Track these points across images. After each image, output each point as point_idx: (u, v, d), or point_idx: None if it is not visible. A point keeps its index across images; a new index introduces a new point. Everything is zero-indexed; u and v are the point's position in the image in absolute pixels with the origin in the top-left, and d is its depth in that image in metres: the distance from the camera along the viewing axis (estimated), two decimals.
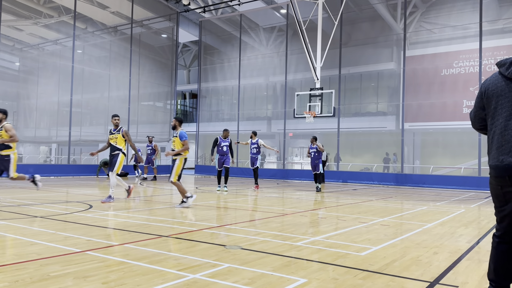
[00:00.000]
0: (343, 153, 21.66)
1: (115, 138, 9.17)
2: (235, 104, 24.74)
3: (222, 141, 12.21)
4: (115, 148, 9.09)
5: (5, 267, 3.56)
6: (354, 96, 23.82)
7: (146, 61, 23.79)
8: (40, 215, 6.70)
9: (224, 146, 12.12)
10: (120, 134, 9.15)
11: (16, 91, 24.14)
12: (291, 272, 3.60)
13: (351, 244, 4.93)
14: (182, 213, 7.52)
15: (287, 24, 22.05)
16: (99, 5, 21.93)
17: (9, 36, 23.03)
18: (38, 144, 28.17)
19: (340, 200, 11.18)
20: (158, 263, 3.82)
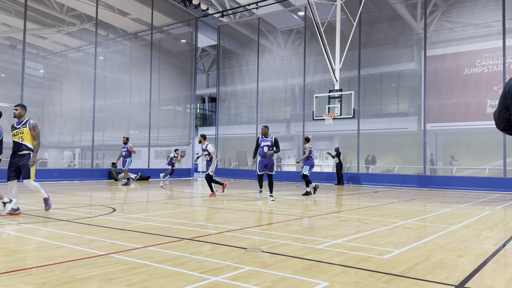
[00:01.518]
0: (364, 155, 21.43)
1: (20, 134, 7.22)
2: (253, 107, 24.81)
3: (263, 141, 10.51)
4: (21, 146, 7.16)
5: (33, 270, 3.66)
6: (374, 97, 23.57)
7: (166, 66, 24.12)
8: (65, 218, 6.85)
9: (265, 146, 10.42)
10: (27, 127, 7.22)
11: (41, 97, 24.80)
12: (313, 275, 3.59)
13: (373, 247, 4.88)
14: (203, 216, 7.58)
15: (305, 26, 22.02)
16: (119, 12, 22.37)
17: (34, 44, 23.70)
18: (62, 149, 28.83)
19: (361, 202, 11.06)
20: (180, 265, 3.86)
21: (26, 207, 8.43)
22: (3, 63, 22.47)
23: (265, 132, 10.50)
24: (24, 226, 6.04)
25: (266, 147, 10.37)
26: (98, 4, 20.06)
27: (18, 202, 7.71)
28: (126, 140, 16.12)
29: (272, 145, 10.34)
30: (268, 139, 10.43)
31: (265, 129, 10.51)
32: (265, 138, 10.46)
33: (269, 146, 10.34)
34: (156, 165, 27.19)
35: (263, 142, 10.44)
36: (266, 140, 10.42)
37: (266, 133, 10.50)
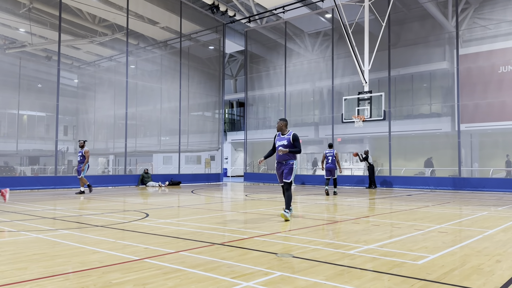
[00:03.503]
0: (395, 158, 21.00)
1: None
2: (281, 111, 24.79)
3: (278, 139, 7.92)
4: None
5: (70, 275, 3.79)
6: (406, 98, 23.08)
7: (194, 73, 24.49)
8: (100, 224, 7.06)
9: (280, 147, 7.79)
10: None
11: (76, 106, 25.70)
12: (345, 282, 3.55)
13: (407, 252, 4.78)
14: (233, 221, 7.63)
15: (333, 28, 21.86)
16: (149, 21, 22.91)
17: (68, 55, 24.60)
18: (96, 156, 29.69)
19: (393, 206, 10.85)
20: (212, 270, 3.91)
21: (63, 213, 8.73)
22: (39, 74, 23.46)
23: (281, 127, 7.90)
24: (61, 232, 6.26)
25: (282, 147, 7.73)
26: (129, 14, 20.61)
27: (57, 208, 7.98)
28: (82, 144, 14.18)
29: (289, 145, 7.72)
30: (285, 137, 7.80)
31: (281, 122, 7.90)
32: (282, 136, 7.88)
33: (285, 147, 7.73)
34: (187, 170, 27.57)
35: (278, 142, 7.86)
36: (282, 139, 7.84)
37: (281, 128, 7.90)
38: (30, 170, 24.46)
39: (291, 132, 7.88)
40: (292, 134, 7.79)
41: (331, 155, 14.18)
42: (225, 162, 32.22)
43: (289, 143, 7.75)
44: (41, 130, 25.32)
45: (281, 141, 7.84)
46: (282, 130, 7.93)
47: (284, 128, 7.92)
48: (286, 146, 7.72)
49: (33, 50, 22.72)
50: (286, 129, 7.92)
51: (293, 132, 7.83)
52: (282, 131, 7.93)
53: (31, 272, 3.84)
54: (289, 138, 7.77)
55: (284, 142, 7.78)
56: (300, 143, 7.83)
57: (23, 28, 20.82)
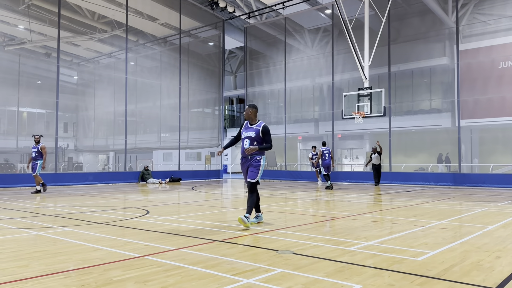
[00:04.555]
0: (396, 153, 21.00)
1: None
2: (281, 107, 24.78)
3: (245, 129, 6.63)
4: None
5: (71, 272, 3.80)
6: (406, 93, 23.07)
7: (194, 69, 24.46)
8: (101, 221, 7.07)
9: (246, 139, 6.51)
10: None
11: (75, 103, 25.69)
12: (345, 278, 3.56)
13: (407, 248, 4.80)
14: (234, 218, 7.64)
15: (333, 24, 21.81)
16: (149, 18, 22.85)
17: (67, 52, 24.57)
18: (96, 153, 29.72)
19: (394, 202, 10.86)
20: (213, 267, 3.92)
21: (63, 211, 8.74)
22: (39, 71, 23.44)
23: (249, 115, 6.56)
24: (62, 229, 6.28)
25: (248, 140, 6.45)
26: (128, 11, 20.56)
27: (57, 205, 7.99)
28: (38, 139, 13.33)
29: (257, 138, 6.42)
30: (253, 128, 6.50)
31: (249, 110, 6.58)
32: (250, 126, 6.57)
33: (253, 140, 6.42)
34: (187, 167, 27.59)
35: (245, 132, 6.55)
36: (249, 129, 6.53)
37: (250, 117, 6.57)
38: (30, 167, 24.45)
39: (261, 123, 6.53)
40: (262, 126, 6.45)
41: (328, 152, 15.40)
42: (225, 158, 32.25)
43: (258, 136, 6.41)
44: (41, 127, 25.32)
45: (248, 132, 6.50)
46: (251, 119, 6.56)
47: (253, 117, 6.53)
48: (253, 139, 6.41)
49: (32, 47, 22.69)
50: (255, 118, 6.56)
51: (263, 124, 6.51)
52: (251, 120, 6.57)
53: (32, 270, 3.85)
54: (258, 130, 6.42)
55: (251, 134, 6.44)
56: (270, 137, 6.51)
57: (22, 25, 20.78)
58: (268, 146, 6.50)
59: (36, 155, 13.15)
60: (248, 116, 6.59)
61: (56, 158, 18.17)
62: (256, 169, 6.50)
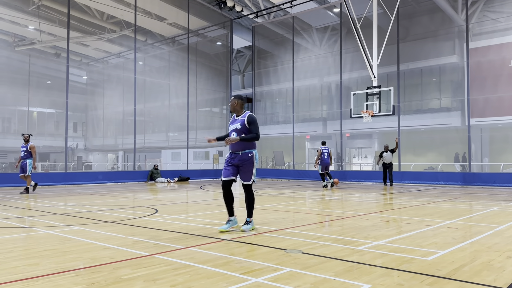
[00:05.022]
0: (405, 153, 20.85)
1: None
2: (289, 106, 24.74)
3: (232, 122, 6.21)
4: None
5: (81, 271, 3.84)
6: (415, 92, 22.89)
7: (202, 69, 24.52)
8: (110, 220, 7.12)
9: (233, 132, 6.04)
10: None
11: (85, 103, 25.90)
12: (354, 278, 3.55)
13: (416, 248, 4.76)
14: (241, 217, 7.64)
15: (341, 23, 21.71)
16: (157, 18, 22.94)
17: (77, 52, 24.76)
18: (106, 152, 29.93)
19: (403, 202, 10.80)
20: (221, 266, 3.93)
21: (73, 209, 8.82)
22: (49, 71, 23.66)
23: (234, 106, 6.17)
24: (72, 227, 6.33)
25: (235, 133, 6.00)
26: (137, 11, 20.66)
27: (67, 204, 8.06)
28: (27, 138, 13.01)
29: (243, 129, 5.96)
30: (239, 119, 6.07)
31: (233, 101, 6.18)
32: (236, 118, 6.17)
33: (239, 132, 5.98)
34: (195, 166, 27.68)
35: (231, 125, 6.14)
36: (235, 121, 6.12)
37: (235, 109, 6.17)
38: (40, 166, 24.72)
39: (246, 113, 6.09)
40: (247, 116, 6.02)
41: (327, 151, 15.71)
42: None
43: (244, 127, 5.93)
44: (51, 127, 25.58)
45: (234, 124, 6.06)
46: (236, 111, 6.16)
47: (239, 108, 6.13)
48: (239, 131, 5.93)
49: (42, 47, 22.89)
50: (241, 110, 6.14)
51: (249, 113, 6.08)
52: (237, 112, 6.16)
53: (43, 268, 3.89)
54: (243, 121, 5.97)
55: (237, 126, 5.99)
56: (257, 127, 6.00)
57: (32, 25, 20.97)
58: (253, 136, 5.91)
59: (25, 154, 12.85)
60: (233, 108, 6.15)
61: (66, 158, 18.33)
62: (249, 169, 5.99)
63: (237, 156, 5.98)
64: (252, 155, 5.97)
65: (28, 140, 12.94)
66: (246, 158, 5.94)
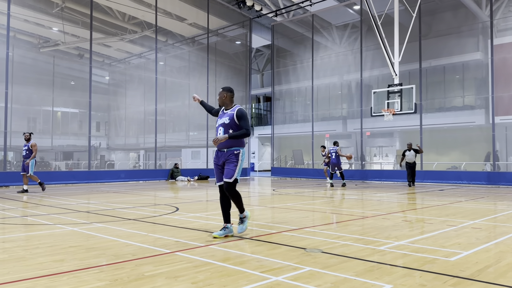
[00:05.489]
0: (427, 151, 20.48)
1: None
2: (308, 105, 24.63)
3: (220, 116, 5.62)
4: None
5: (105, 267, 3.92)
6: (437, 90, 22.46)
7: (221, 68, 24.64)
8: (132, 217, 7.24)
9: (220, 127, 5.49)
10: None
11: (107, 103, 26.37)
12: (375, 278, 3.52)
13: (439, 248, 4.69)
14: (261, 215, 7.67)
15: (361, 20, 21.47)
16: (177, 18, 23.17)
17: (99, 53, 25.22)
18: (127, 151, 30.41)
19: (425, 201, 10.63)
20: (241, 264, 3.95)
21: (96, 207, 9.00)
22: (72, 72, 24.19)
23: (222, 99, 5.62)
24: (95, 225, 6.47)
25: (222, 128, 5.43)
26: (157, 11, 20.91)
27: (91, 202, 8.23)
28: (28, 136, 12.77)
29: (232, 125, 5.38)
30: (227, 113, 5.49)
31: (222, 93, 5.62)
32: (224, 112, 5.58)
33: (227, 127, 5.39)
34: None
35: (219, 120, 5.57)
36: (223, 115, 5.54)
37: (224, 102, 5.62)
38: (64, 165, 25.31)
39: (236, 106, 5.51)
40: (236, 110, 5.43)
41: (334, 151, 15.66)
42: (252, 156, 32.32)
43: (232, 122, 5.36)
44: (74, 126, 26.15)
45: (222, 118, 5.48)
46: (226, 105, 5.60)
47: (228, 102, 5.58)
48: (227, 126, 5.36)
49: (66, 49, 23.42)
50: (230, 103, 5.59)
51: (238, 107, 5.48)
52: (226, 106, 5.60)
53: (68, 264, 3.99)
54: (232, 115, 5.39)
55: (225, 120, 5.42)
56: (248, 122, 5.42)
57: (56, 27, 21.47)
58: (243, 133, 5.31)
59: (27, 153, 12.69)
60: (222, 101, 5.59)
61: (89, 156, 18.72)
62: (233, 165, 5.35)
63: (223, 154, 5.43)
64: (238, 152, 5.39)
65: (29, 139, 12.74)
66: (231, 155, 5.37)
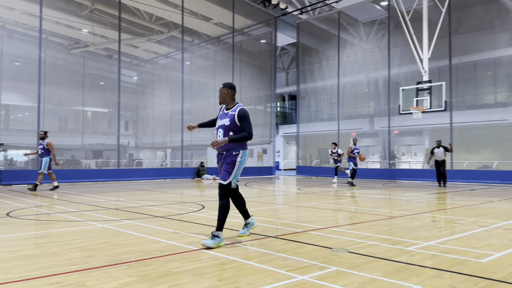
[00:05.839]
0: (457, 150, 19.96)
1: None
2: (334, 103, 24.38)
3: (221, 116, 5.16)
4: None
5: (133, 263, 4.00)
6: (468, 87, 21.83)
7: (246, 67, 24.69)
8: (160, 215, 7.37)
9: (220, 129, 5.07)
10: None
11: (135, 102, 26.88)
12: (403, 279, 3.46)
13: (470, 249, 4.56)
14: (286, 214, 7.65)
15: (389, 16, 21.08)
16: (203, 18, 23.37)
17: (127, 53, 25.73)
18: (155, 150, 30.92)
19: (455, 201, 10.36)
20: (267, 262, 3.96)
21: (125, 204, 9.20)
22: (102, 72, 24.76)
23: (223, 97, 5.11)
24: (124, 222, 6.61)
25: (222, 130, 5.01)
26: (184, 12, 21.14)
27: (120, 199, 8.41)
28: (43, 135, 12.70)
29: (232, 127, 4.95)
30: (228, 114, 5.02)
31: (222, 90, 5.11)
32: (225, 112, 5.09)
33: (227, 129, 4.97)
34: None
35: (219, 121, 5.12)
36: (224, 116, 5.07)
37: (224, 100, 5.12)
38: (94, 163, 25.96)
39: (238, 106, 5.02)
40: (238, 110, 4.95)
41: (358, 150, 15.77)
42: (277, 155, 32.29)
43: (233, 124, 4.93)
44: (104, 126, 26.78)
45: (223, 119, 5.03)
46: (227, 103, 5.10)
47: (230, 100, 5.08)
48: (227, 128, 4.93)
49: (95, 50, 24.00)
50: (232, 101, 5.09)
51: (240, 107, 5.00)
52: (227, 104, 5.10)
53: (98, 260, 4.10)
54: (233, 116, 4.93)
55: (225, 122, 4.97)
56: (249, 123, 4.96)
57: (86, 29, 22.04)
58: (244, 136, 4.87)
59: (42, 152, 12.60)
60: (222, 98, 5.09)
61: (118, 155, 19.15)
62: (230, 167, 4.91)
63: (222, 157, 5.03)
64: (236, 154, 4.94)
65: (44, 137, 12.65)
66: (229, 156, 4.94)
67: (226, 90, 5.07)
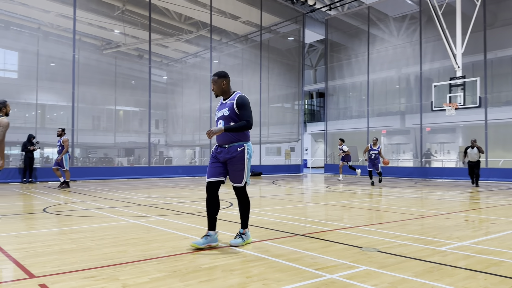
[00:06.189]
0: (493, 148, 19.28)
1: None
2: (364, 100, 24.01)
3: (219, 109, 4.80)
4: None
5: (164, 259, 4.09)
6: (504, 82, 21.04)
7: (274, 65, 24.66)
8: (189, 211, 7.48)
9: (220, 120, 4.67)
10: None
11: (165, 101, 27.34)
12: (435, 279, 3.38)
13: (505, 250, 4.41)
14: (314, 213, 7.61)
15: (420, 11, 20.56)
16: (231, 17, 23.49)
17: (158, 53, 26.18)
18: (184, 148, 31.37)
19: (490, 201, 10.02)
20: (295, 261, 3.96)
21: (156, 201, 9.38)
22: (133, 72, 25.31)
23: (222, 88, 4.69)
24: (155, 218, 6.75)
25: (222, 121, 4.60)
26: (212, 11, 21.32)
27: (151, 196, 8.57)
28: (60, 132, 12.61)
29: (232, 116, 4.56)
30: (226, 103, 4.65)
31: (214, 79, 4.71)
32: (223, 102, 4.73)
33: (227, 119, 4.57)
34: (267, 161, 28.00)
35: (218, 113, 4.72)
36: (222, 107, 4.69)
37: (223, 90, 4.71)
38: (126, 161, 26.59)
39: (236, 94, 4.65)
40: (237, 97, 4.58)
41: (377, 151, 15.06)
42: (305, 153, 32.12)
43: (233, 113, 4.55)
44: (135, 124, 27.39)
45: (222, 110, 4.65)
46: (225, 93, 4.70)
47: (227, 89, 4.69)
48: (227, 119, 4.55)
49: (126, 50, 24.56)
50: (228, 90, 4.70)
51: (238, 94, 4.63)
52: (225, 95, 4.71)
53: (130, 255, 4.20)
54: (232, 104, 4.56)
55: (224, 112, 4.59)
56: (249, 112, 4.58)
57: (118, 29, 22.57)
58: (242, 125, 4.47)
59: (60, 149, 12.56)
60: (222, 90, 4.69)
61: (149, 153, 19.55)
62: (240, 168, 4.58)
63: (223, 151, 4.60)
64: (242, 148, 4.56)
65: (61, 134, 12.58)
66: (234, 153, 4.55)
67: (224, 80, 4.66)
